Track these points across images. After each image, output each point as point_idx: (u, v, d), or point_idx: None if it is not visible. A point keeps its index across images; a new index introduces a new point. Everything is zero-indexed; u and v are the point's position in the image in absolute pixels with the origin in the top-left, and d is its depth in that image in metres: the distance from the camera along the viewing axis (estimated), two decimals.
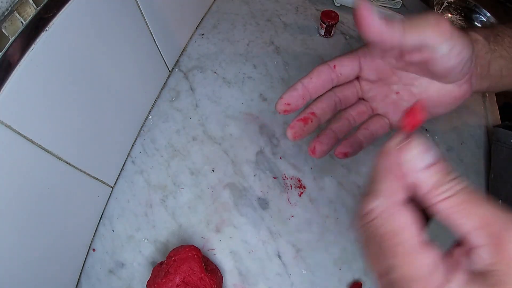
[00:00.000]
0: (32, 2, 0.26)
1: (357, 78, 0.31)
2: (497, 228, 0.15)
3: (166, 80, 0.52)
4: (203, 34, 0.58)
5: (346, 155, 0.30)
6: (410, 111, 0.18)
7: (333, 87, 0.31)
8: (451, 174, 0.18)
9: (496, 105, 0.53)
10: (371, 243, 0.18)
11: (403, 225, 0.17)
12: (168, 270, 0.33)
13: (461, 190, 0.17)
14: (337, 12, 0.56)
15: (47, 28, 0.27)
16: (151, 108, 0.49)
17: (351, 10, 0.63)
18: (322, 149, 0.30)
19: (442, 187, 0.17)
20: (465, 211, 0.16)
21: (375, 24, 0.23)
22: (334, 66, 0.29)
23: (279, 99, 0.29)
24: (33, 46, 0.26)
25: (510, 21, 0.38)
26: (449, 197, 0.17)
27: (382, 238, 0.17)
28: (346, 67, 0.29)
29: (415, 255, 0.16)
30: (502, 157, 0.44)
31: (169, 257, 0.35)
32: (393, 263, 0.16)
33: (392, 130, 0.31)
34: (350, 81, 0.31)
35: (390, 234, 0.17)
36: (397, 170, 0.18)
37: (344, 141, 0.30)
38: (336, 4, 0.63)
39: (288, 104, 0.29)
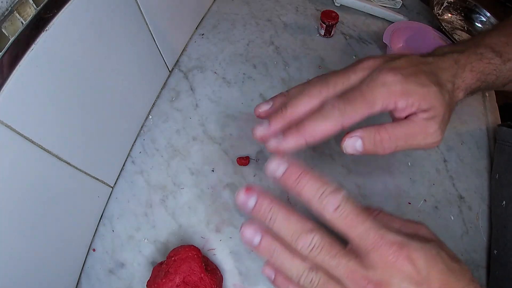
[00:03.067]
0: (32, 2, 0.26)
1: None
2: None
3: (166, 80, 0.52)
4: (203, 34, 0.58)
5: None
6: None
7: None
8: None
9: (496, 105, 0.53)
10: None
11: None
12: (168, 270, 0.33)
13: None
14: (337, 12, 0.56)
15: (47, 28, 0.27)
16: (151, 108, 0.49)
17: (351, 10, 0.63)
18: None
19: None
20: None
21: None
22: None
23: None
24: (33, 46, 0.26)
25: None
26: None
27: None
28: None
29: None
30: (505, 156, 0.44)
31: (169, 257, 0.35)
32: None
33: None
34: None
35: None
36: None
37: None
38: (336, 4, 0.63)
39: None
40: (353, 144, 0.29)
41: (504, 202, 0.40)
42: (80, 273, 0.39)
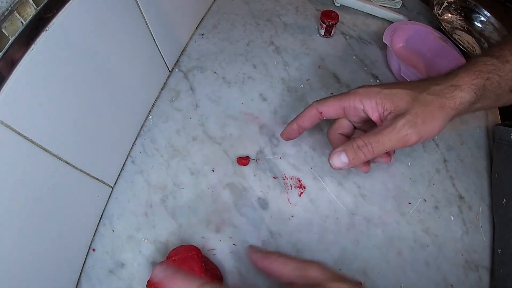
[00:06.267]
0: (32, 2, 0.26)
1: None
2: None
3: (166, 80, 0.52)
4: (203, 34, 0.58)
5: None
6: None
7: None
8: None
9: None
10: None
11: None
12: None
13: None
14: (337, 12, 0.56)
15: (47, 28, 0.27)
16: (151, 108, 0.50)
17: (351, 10, 0.63)
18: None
19: None
20: None
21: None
22: (321, 113, 0.38)
23: (282, 133, 0.43)
24: (33, 46, 0.26)
25: (510, 21, 0.38)
26: None
27: None
28: (331, 113, 0.38)
29: None
30: (502, 154, 0.44)
31: (169, 257, 0.35)
32: None
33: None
34: None
35: None
36: None
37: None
38: (336, 4, 0.63)
39: (289, 138, 0.43)
40: (338, 157, 0.34)
41: (504, 200, 0.40)
42: (80, 273, 0.39)
